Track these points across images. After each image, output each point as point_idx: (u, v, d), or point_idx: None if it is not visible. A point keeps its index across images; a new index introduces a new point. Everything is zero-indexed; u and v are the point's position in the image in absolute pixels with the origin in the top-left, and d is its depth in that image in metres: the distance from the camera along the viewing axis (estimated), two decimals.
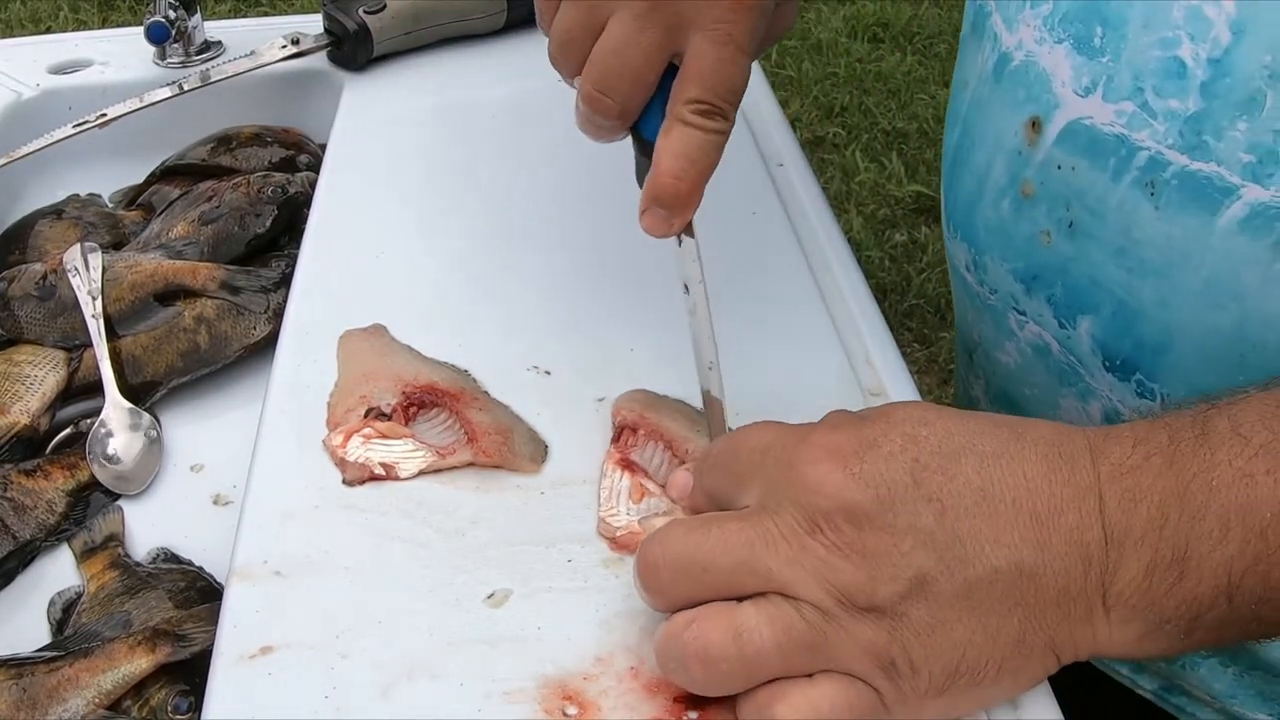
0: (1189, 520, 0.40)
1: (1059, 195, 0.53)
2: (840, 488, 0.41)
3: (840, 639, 0.40)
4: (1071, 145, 0.52)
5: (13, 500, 0.63)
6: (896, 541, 0.40)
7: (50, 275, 0.74)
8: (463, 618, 0.48)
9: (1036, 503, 0.41)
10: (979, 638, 0.40)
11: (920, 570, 0.40)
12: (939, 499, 0.41)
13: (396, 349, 0.62)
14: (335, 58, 0.94)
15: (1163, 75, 0.48)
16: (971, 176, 0.59)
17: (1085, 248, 0.53)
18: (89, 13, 3.07)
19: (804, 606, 0.41)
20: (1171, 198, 0.48)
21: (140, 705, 0.53)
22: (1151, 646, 0.42)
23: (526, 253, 0.70)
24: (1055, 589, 0.40)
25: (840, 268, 0.68)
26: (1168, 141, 0.48)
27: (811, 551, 0.41)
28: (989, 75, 0.58)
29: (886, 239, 2.34)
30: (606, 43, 0.49)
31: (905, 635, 0.40)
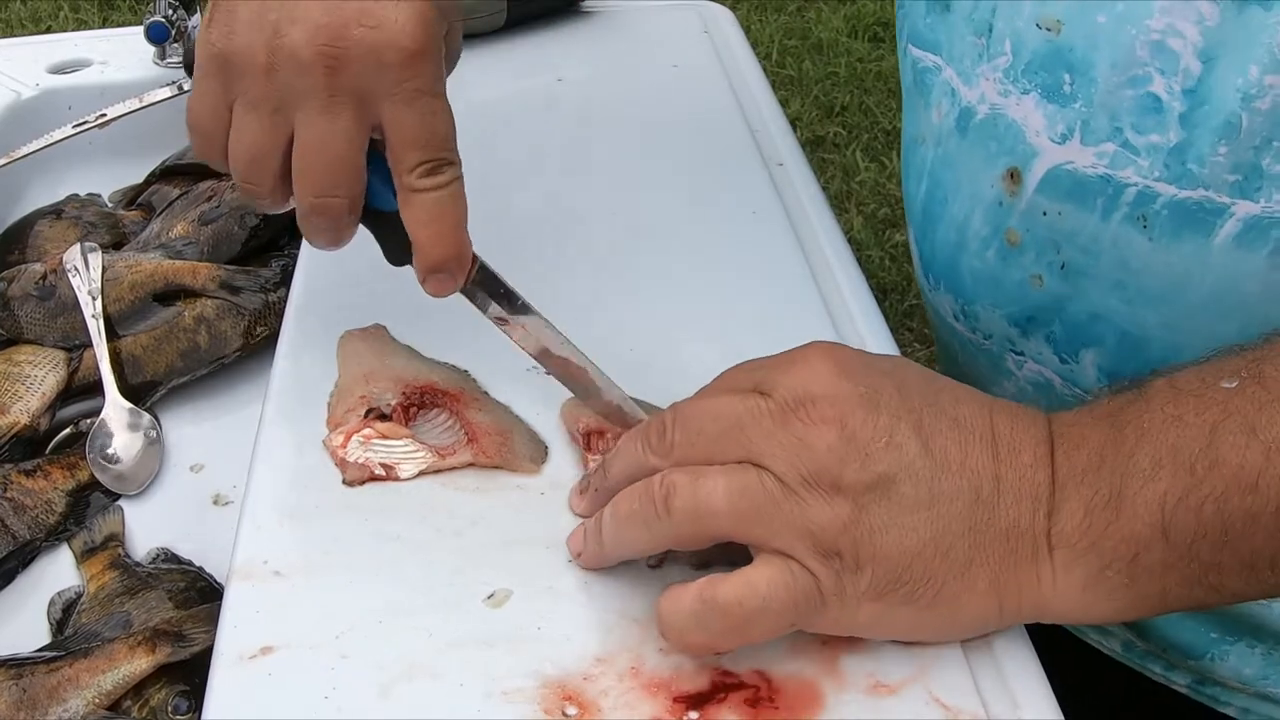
0: (1123, 460, 0.42)
1: (1047, 240, 0.54)
2: (834, 379, 0.44)
3: (792, 513, 0.42)
4: (1054, 191, 0.52)
5: (13, 500, 0.63)
6: (874, 436, 0.42)
7: (50, 275, 0.74)
8: (463, 618, 0.48)
9: (999, 441, 0.44)
10: (929, 551, 0.42)
11: (889, 470, 0.42)
12: (918, 415, 0.43)
13: (396, 349, 0.62)
14: None
15: (1139, 112, 0.48)
16: (948, 230, 0.59)
17: (1081, 286, 0.53)
18: (89, 12, 3.07)
19: (766, 475, 0.43)
20: (1164, 227, 0.49)
21: (140, 705, 0.53)
22: (1096, 600, 0.43)
23: (526, 253, 0.70)
24: (1006, 521, 0.43)
25: (840, 268, 0.68)
26: (1154, 175, 0.49)
27: (791, 428, 0.43)
28: (951, 130, 0.58)
29: (887, 238, 2.34)
30: (306, 146, 0.48)
31: (859, 528, 0.42)
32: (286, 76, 0.46)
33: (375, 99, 0.47)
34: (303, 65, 0.46)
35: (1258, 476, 0.40)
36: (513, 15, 0.95)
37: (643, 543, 0.46)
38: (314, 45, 0.46)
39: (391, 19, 0.46)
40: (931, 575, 0.42)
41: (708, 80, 0.88)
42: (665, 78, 0.89)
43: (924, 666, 0.45)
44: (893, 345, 0.62)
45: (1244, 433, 0.41)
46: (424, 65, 0.47)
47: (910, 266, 2.26)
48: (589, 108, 0.85)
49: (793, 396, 0.44)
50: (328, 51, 0.46)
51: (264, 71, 0.46)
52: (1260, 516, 0.40)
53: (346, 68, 0.46)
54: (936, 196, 0.60)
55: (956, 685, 0.44)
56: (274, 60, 0.46)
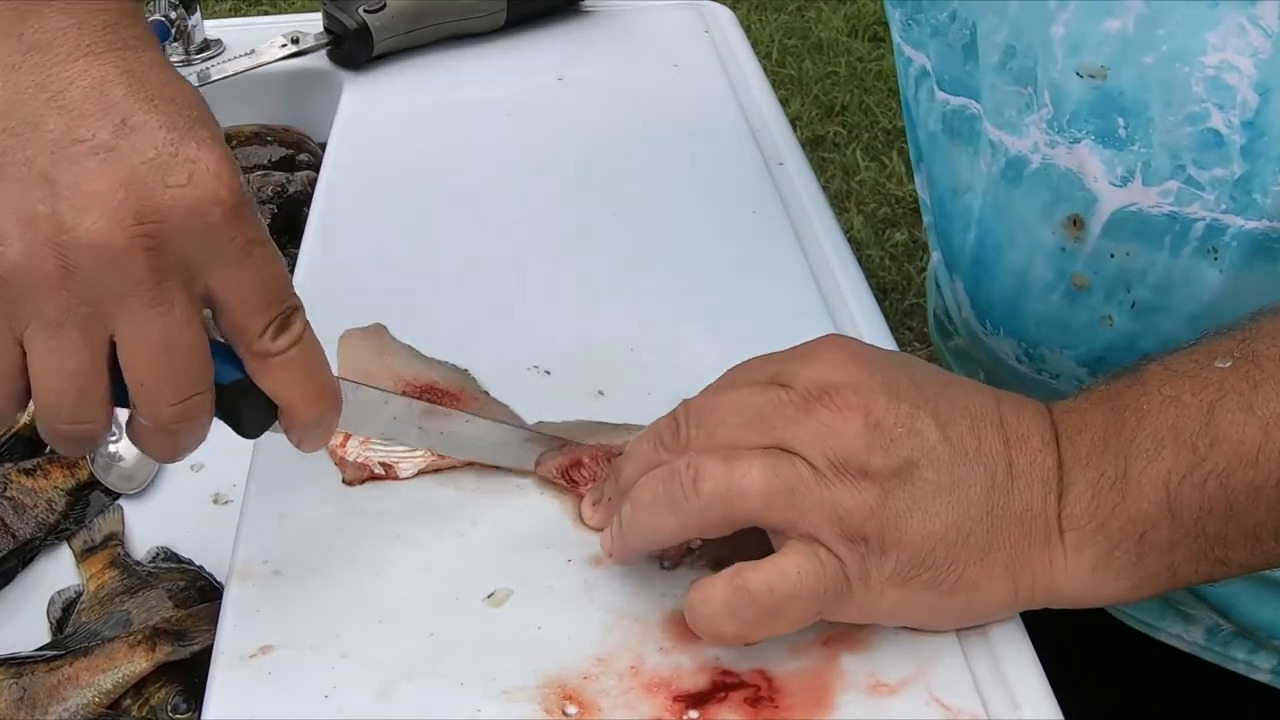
0: (1125, 441, 0.43)
1: (1117, 280, 0.54)
2: (852, 368, 0.45)
3: (822, 497, 0.43)
4: (1121, 233, 0.52)
5: (13, 499, 0.63)
6: (897, 422, 0.43)
7: None
8: (463, 618, 0.48)
9: (1008, 428, 0.45)
10: (951, 535, 0.43)
11: (912, 455, 0.43)
12: (934, 403, 0.45)
13: (396, 349, 0.62)
14: (335, 57, 0.94)
15: (1200, 149, 0.48)
16: (1006, 277, 0.59)
17: (1153, 322, 0.54)
18: None
19: (798, 461, 0.43)
20: (1234, 258, 0.50)
21: (140, 704, 0.53)
22: (1105, 580, 0.44)
23: (527, 252, 0.70)
24: (1020, 505, 0.44)
25: (840, 267, 0.68)
26: (1220, 208, 0.49)
27: (816, 416, 0.44)
28: (998, 180, 0.57)
29: (887, 238, 2.34)
30: (147, 350, 0.39)
31: (885, 513, 0.43)
32: (92, 277, 0.37)
33: (202, 267, 0.39)
34: (113, 257, 0.37)
35: (1257, 451, 0.41)
36: (512, 14, 0.95)
37: (668, 529, 0.45)
38: (122, 229, 0.37)
39: (202, 168, 0.38)
40: (954, 560, 0.43)
41: (708, 80, 0.88)
42: (665, 77, 0.89)
43: (924, 666, 0.45)
44: (893, 345, 0.62)
45: (1241, 410, 0.42)
46: (246, 211, 0.39)
47: (911, 265, 2.27)
48: (589, 107, 0.85)
49: (815, 385, 0.44)
50: (142, 231, 0.37)
51: (58, 281, 0.37)
52: (1262, 490, 0.41)
53: (168, 242, 0.38)
54: (989, 245, 0.60)
55: (957, 685, 0.44)
56: (69, 263, 0.37)
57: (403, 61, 0.93)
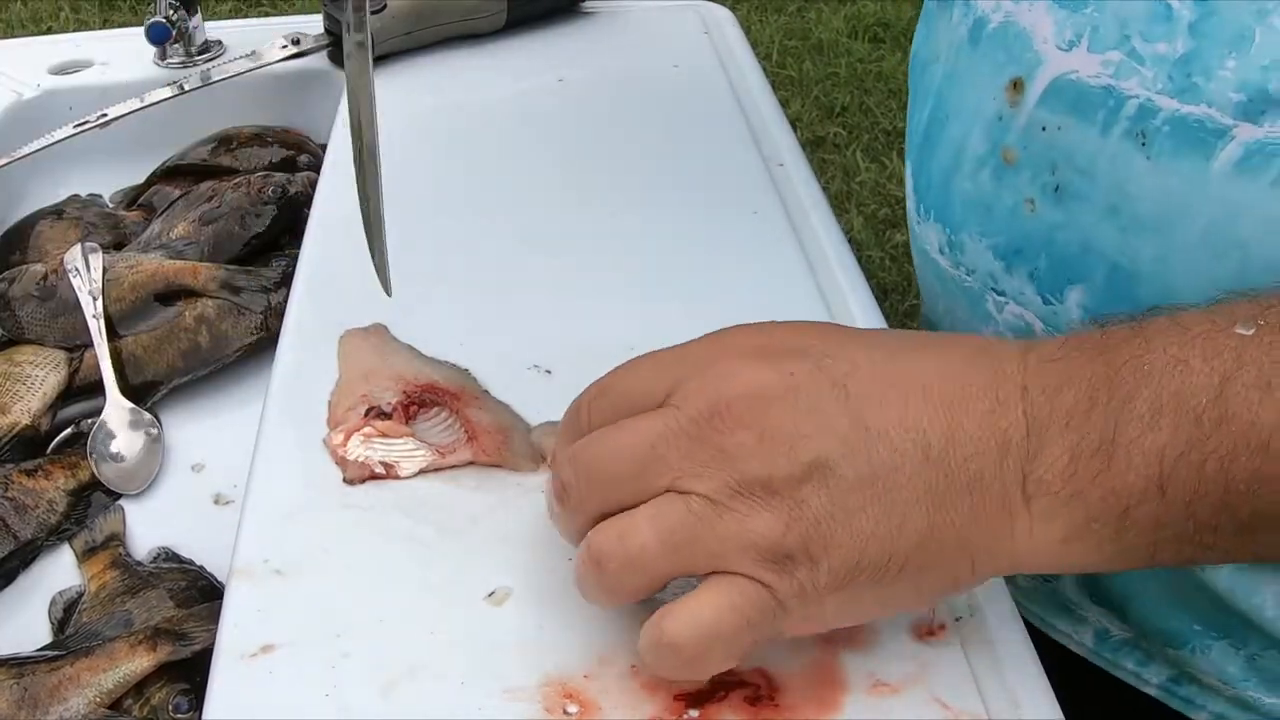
0: (1119, 403, 0.38)
1: (1044, 158, 0.52)
2: (746, 374, 0.40)
3: (729, 530, 0.39)
4: (1056, 103, 0.51)
5: (14, 500, 0.63)
6: (798, 424, 0.39)
7: (51, 275, 0.74)
8: (463, 617, 0.48)
9: (950, 390, 0.40)
10: (883, 529, 0.39)
11: (821, 454, 0.39)
12: (844, 385, 0.40)
13: (397, 348, 0.62)
14: (336, 58, 0.94)
15: (1149, 20, 0.47)
16: (945, 152, 0.57)
17: (1074, 211, 0.51)
18: (89, 13, 3.07)
19: (693, 500, 0.39)
20: (1164, 146, 0.47)
21: (141, 704, 0.53)
22: (1079, 553, 0.40)
23: (527, 252, 0.70)
24: (966, 475, 0.39)
25: (841, 268, 0.68)
26: (1157, 87, 0.47)
27: (710, 441, 0.39)
28: (964, 43, 0.56)
29: (887, 239, 2.34)
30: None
31: (803, 525, 0.38)
32: None
33: None
34: None
35: (1269, 437, 0.37)
36: (513, 15, 0.95)
37: (610, 602, 0.43)
38: None
39: None
40: (892, 551, 0.39)
41: (708, 80, 0.88)
42: (666, 78, 0.89)
43: (925, 666, 0.45)
44: None
45: (1259, 388, 0.37)
46: None
47: (910, 267, 2.26)
48: (590, 108, 0.85)
49: (706, 406, 0.40)
50: None
51: None
52: (1270, 480, 0.37)
53: None
54: (938, 118, 0.58)
55: (957, 685, 0.44)
56: None
57: (403, 62, 0.93)
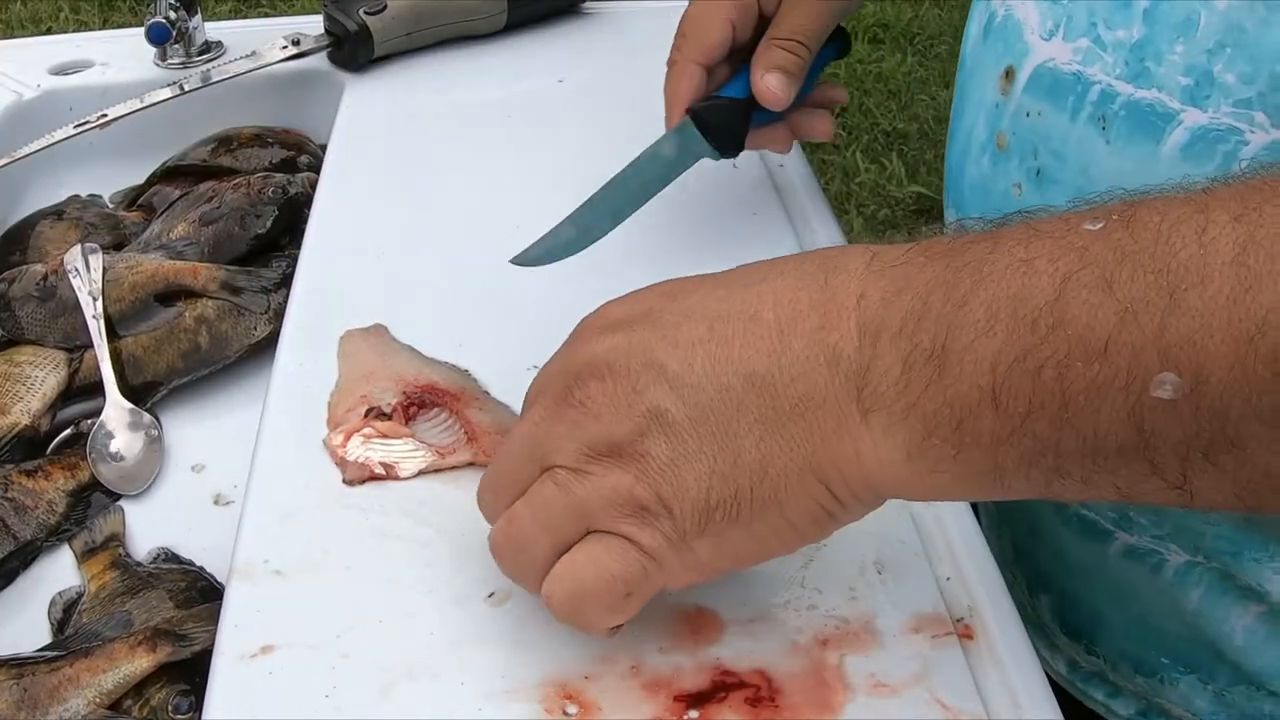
0: (953, 308, 0.36)
1: (1028, 143, 0.54)
2: (587, 345, 0.42)
3: (589, 493, 0.41)
4: (1037, 89, 0.53)
5: (14, 500, 0.63)
6: (633, 381, 0.40)
7: (51, 276, 0.74)
8: (463, 617, 0.48)
9: (778, 312, 0.39)
10: (721, 465, 0.39)
11: (654, 404, 0.40)
12: (672, 332, 0.40)
13: (397, 349, 0.62)
14: (336, 58, 0.94)
15: (1112, 7, 0.49)
16: (960, 139, 0.61)
17: (1050, 195, 0.53)
18: (89, 13, 3.07)
19: (557, 472, 0.41)
20: (1120, 129, 0.49)
21: (141, 705, 0.53)
22: (924, 473, 0.38)
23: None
24: (794, 396, 0.38)
25: None
26: (1115, 72, 0.49)
27: (565, 417, 0.42)
28: (978, 38, 0.59)
29: (887, 240, 2.34)
30: None
31: (650, 475, 0.40)
32: None
33: None
34: None
35: (1106, 341, 0.34)
36: (514, 16, 0.95)
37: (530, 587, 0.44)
38: None
39: None
40: (737, 487, 0.39)
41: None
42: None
43: (925, 666, 0.45)
44: None
45: (1099, 287, 0.34)
46: None
47: None
48: (590, 109, 0.85)
49: (561, 387, 0.42)
50: None
51: None
52: (1106, 390, 0.34)
53: None
54: (957, 109, 0.62)
55: (957, 685, 0.44)
56: None
57: (403, 63, 0.93)
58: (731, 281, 0.42)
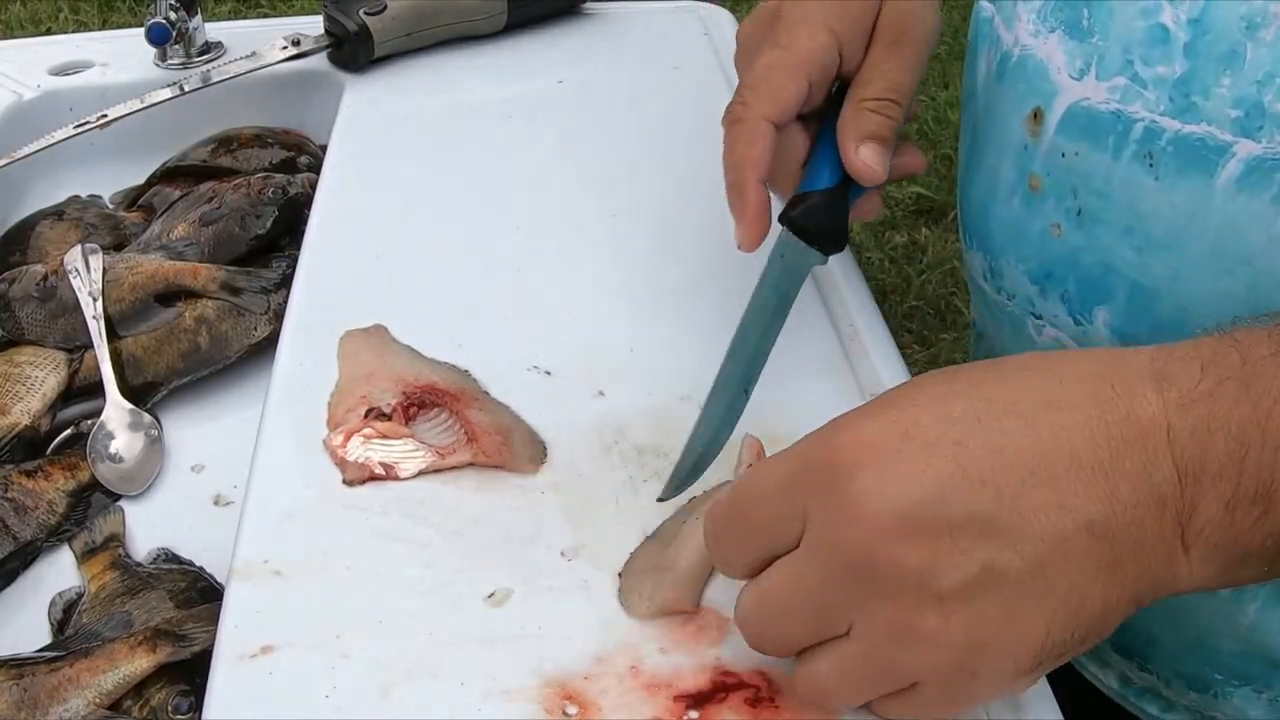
0: (1272, 450, 0.36)
1: (1065, 184, 0.53)
2: (887, 500, 0.37)
3: (911, 662, 0.38)
4: (1072, 130, 0.52)
5: (14, 501, 0.63)
6: (956, 539, 0.37)
7: (51, 276, 0.74)
8: (463, 617, 0.48)
9: (1096, 451, 0.37)
10: (1062, 614, 0.37)
11: (987, 560, 0.37)
12: (991, 480, 0.37)
13: (397, 349, 0.62)
14: (336, 59, 0.94)
15: (1148, 44, 0.49)
16: (983, 180, 0.59)
17: (1095, 234, 0.52)
18: (89, 14, 3.07)
19: (868, 641, 0.39)
20: (1169, 165, 0.49)
21: (141, 705, 0.53)
22: (1231, 580, 0.39)
23: (527, 253, 0.70)
24: (1130, 540, 0.37)
25: (840, 269, 0.68)
26: (1159, 109, 0.48)
27: (872, 577, 0.38)
28: (993, 77, 0.58)
29: (886, 240, 2.34)
30: None
31: (982, 637, 0.37)
32: None
33: None
34: None
35: None
36: (513, 17, 0.95)
37: None
38: None
39: None
40: (1073, 631, 0.38)
41: (708, 82, 0.88)
42: (666, 80, 0.89)
43: None
44: (892, 346, 0.62)
45: None
46: None
47: (910, 268, 2.26)
48: (590, 109, 0.86)
49: (858, 548, 0.38)
50: None
51: None
52: None
53: None
54: (975, 148, 0.60)
55: None
56: None
57: (403, 63, 0.93)
58: (1012, 407, 0.38)
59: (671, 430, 0.56)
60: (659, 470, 0.54)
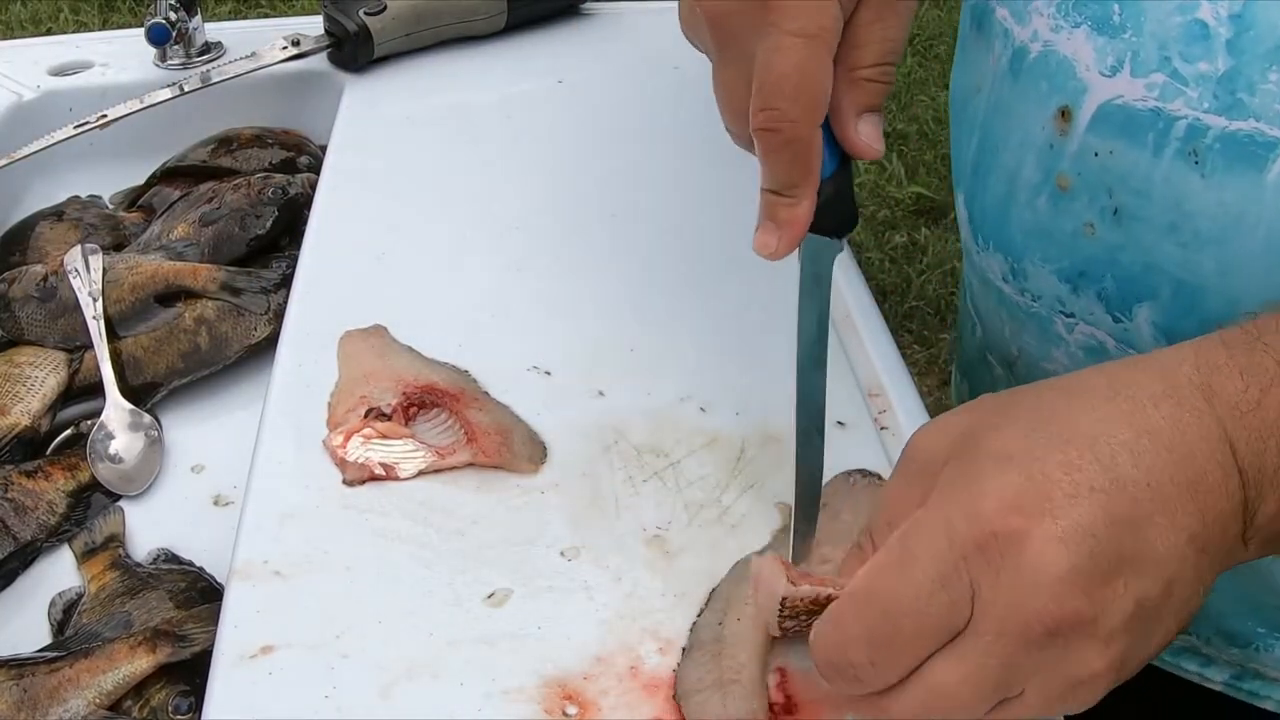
0: None
1: (1099, 183, 0.52)
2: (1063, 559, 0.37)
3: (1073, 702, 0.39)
4: (1106, 128, 0.51)
5: (14, 501, 0.63)
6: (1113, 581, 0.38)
7: (51, 277, 0.74)
8: (463, 617, 0.48)
9: (1188, 471, 0.39)
10: (1176, 624, 0.40)
11: (1139, 594, 0.38)
12: (1128, 518, 0.38)
13: (397, 349, 0.62)
14: (336, 59, 0.94)
15: (1187, 40, 0.47)
16: (999, 181, 0.58)
17: (1134, 232, 0.52)
18: (89, 14, 3.07)
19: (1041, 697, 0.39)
20: (1216, 162, 0.48)
21: (141, 705, 0.53)
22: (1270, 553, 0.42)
23: (527, 253, 0.70)
24: (1216, 547, 0.40)
25: (840, 269, 0.68)
26: (1203, 106, 0.48)
27: (1054, 642, 0.38)
28: (1004, 74, 0.57)
29: (886, 240, 2.34)
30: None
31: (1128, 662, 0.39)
32: None
33: None
34: None
35: None
36: (513, 17, 0.95)
37: None
38: None
39: None
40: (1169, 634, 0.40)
41: (708, 82, 0.88)
42: (666, 79, 0.89)
43: None
44: (892, 346, 0.62)
45: None
46: None
47: (910, 268, 2.27)
48: (590, 110, 0.86)
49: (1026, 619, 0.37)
50: None
51: None
52: None
53: None
54: (987, 147, 0.59)
55: None
56: None
57: (403, 64, 0.93)
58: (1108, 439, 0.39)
59: (671, 430, 0.56)
60: (659, 470, 0.54)
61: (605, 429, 0.57)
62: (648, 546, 0.51)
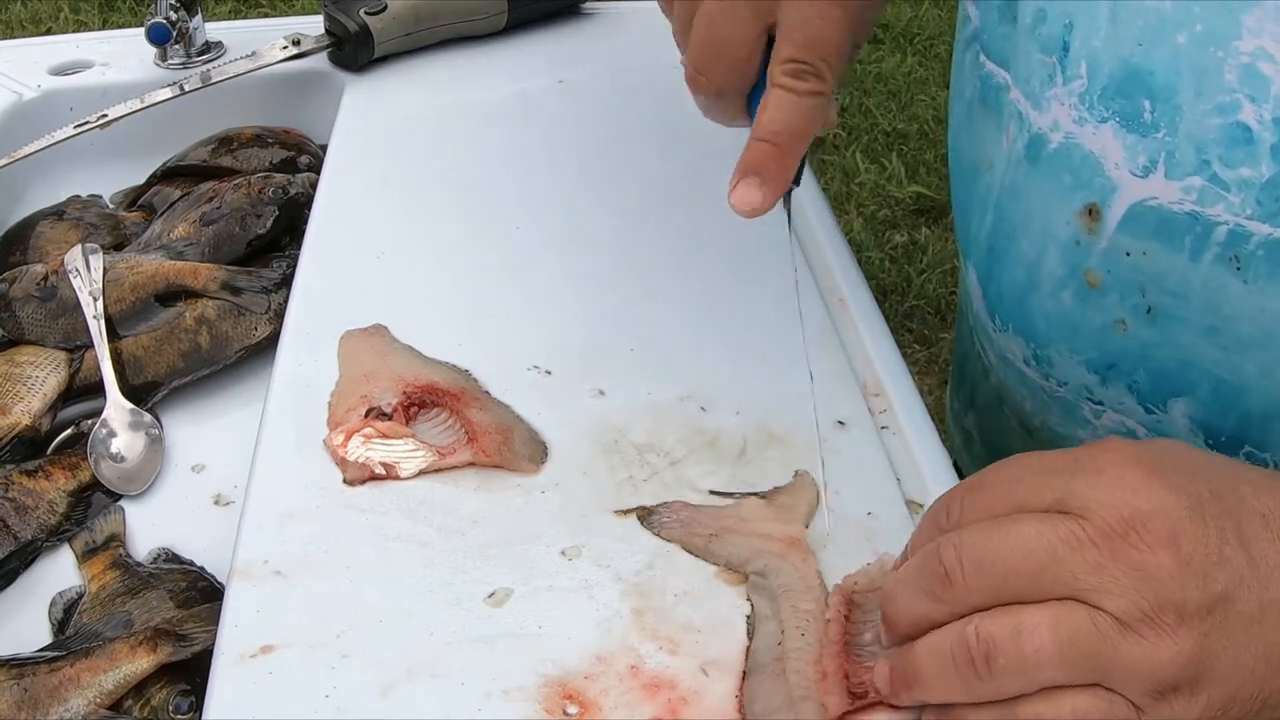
0: None
1: (1131, 282, 0.50)
2: (1153, 489, 0.38)
3: (1132, 656, 0.38)
4: (1138, 229, 0.49)
5: (14, 501, 0.63)
6: (1208, 552, 0.38)
7: (51, 276, 0.74)
8: (463, 617, 0.48)
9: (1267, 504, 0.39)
10: (1261, 667, 0.38)
11: (1225, 588, 0.38)
12: (1236, 518, 0.39)
13: (397, 349, 0.62)
14: (336, 58, 0.94)
15: (1228, 144, 0.45)
16: (1018, 268, 0.56)
17: (1170, 331, 0.50)
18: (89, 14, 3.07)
19: (1100, 616, 0.38)
20: (1260, 269, 0.46)
21: (141, 705, 0.53)
22: None
23: (527, 253, 0.70)
24: None
25: (840, 268, 0.68)
26: (1246, 212, 0.45)
27: (1124, 557, 0.38)
28: (1020, 158, 0.54)
29: (887, 240, 2.34)
30: (701, 19, 0.48)
31: (1201, 659, 0.38)
32: None
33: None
34: None
35: None
36: (514, 17, 0.95)
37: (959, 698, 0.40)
38: None
39: None
40: (1259, 690, 0.38)
41: None
42: (666, 79, 0.89)
43: None
44: (893, 347, 0.62)
45: None
46: None
47: (910, 268, 2.26)
48: (590, 109, 0.86)
49: (1117, 518, 0.38)
50: None
51: None
52: None
53: None
54: (1003, 231, 0.56)
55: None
56: None
57: (404, 63, 0.93)
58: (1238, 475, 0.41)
59: (672, 430, 0.56)
60: (659, 470, 0.55)
61: (605, 429, 0.57)
62: (648, 546, 0.51)
